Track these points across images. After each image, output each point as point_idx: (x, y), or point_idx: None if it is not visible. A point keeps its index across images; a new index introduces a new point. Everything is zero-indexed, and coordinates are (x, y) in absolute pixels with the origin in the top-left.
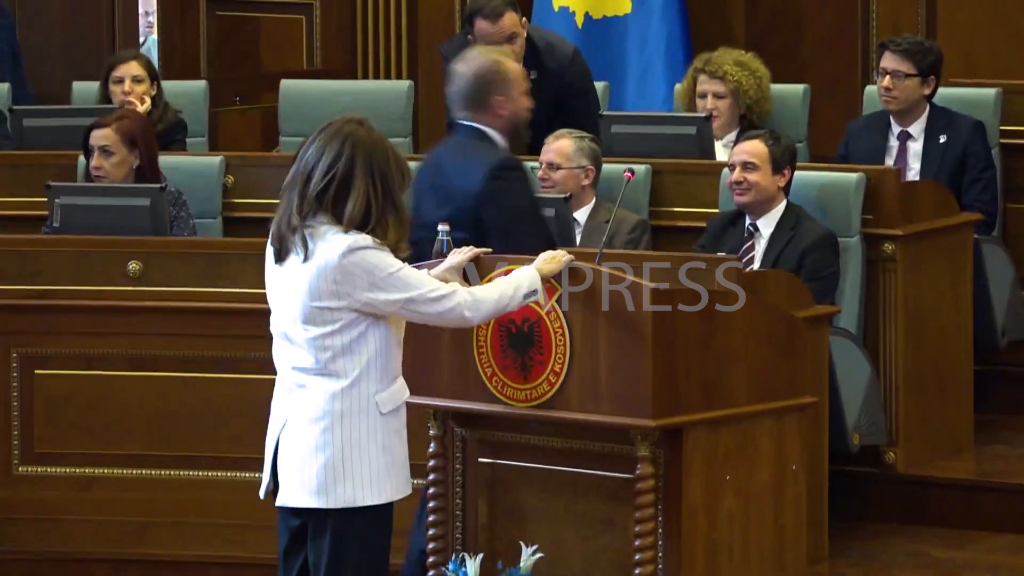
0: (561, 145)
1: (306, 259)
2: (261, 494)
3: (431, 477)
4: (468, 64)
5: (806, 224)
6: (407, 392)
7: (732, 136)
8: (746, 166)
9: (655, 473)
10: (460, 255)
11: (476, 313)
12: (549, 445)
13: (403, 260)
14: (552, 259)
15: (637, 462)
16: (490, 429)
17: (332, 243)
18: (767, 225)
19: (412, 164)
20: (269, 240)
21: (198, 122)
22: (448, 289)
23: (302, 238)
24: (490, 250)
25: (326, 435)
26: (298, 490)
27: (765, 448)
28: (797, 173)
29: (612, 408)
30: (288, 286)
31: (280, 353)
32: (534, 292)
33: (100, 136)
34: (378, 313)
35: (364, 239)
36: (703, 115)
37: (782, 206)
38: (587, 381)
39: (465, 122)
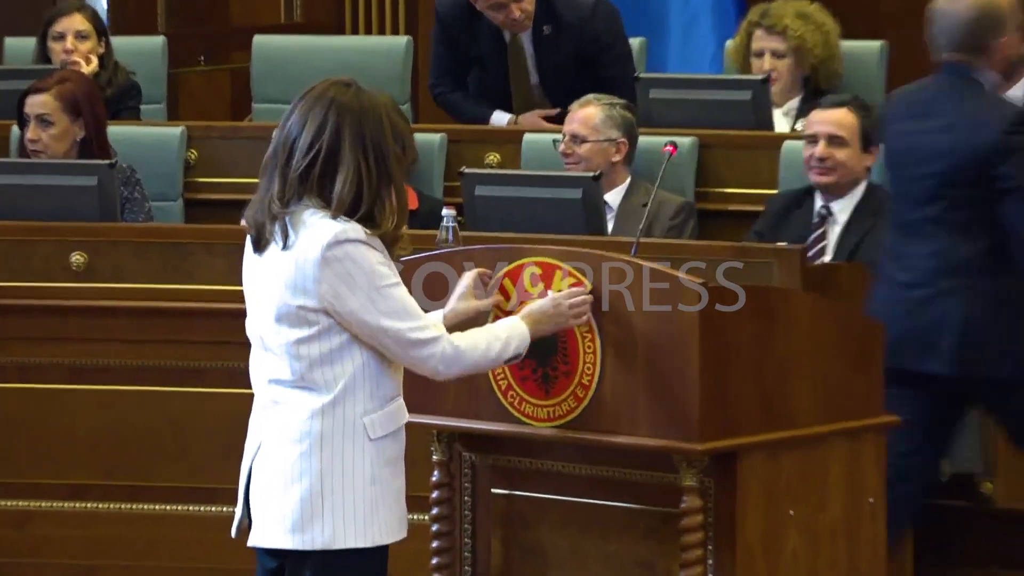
0: (587, 114)
1: (285, 248)
2: (233, 531)
3: (434, 511)
4: (960, 2)
5: (889, 208)
6: (405, 415)
7: (794, 103)
8: (833, 140)
9: (703, 507)
10: (464, 283)
11: (449, 370)
12: (576, 473)
13: (402, 255)
14: (551, 313)
15: (682, 493)
16: (505, 454)
17: (315, 231)
18: (843, 209)
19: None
20: (245, 226)
21: (155, 85)
22: (432, 334)
23: (282, 226)
24: (490, 272)
25: (304, 461)
26: (273, 526)
27: (836, 476)
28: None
29: (652, 429)
30: (266, 281)
31: (256, 363)
32: (517, 356)
33: (37, 103)
34: (345, 326)
35: (354, 230)
36: (759, 77)
37: (862, 187)
38: (621, 396)
39: (955, 64)
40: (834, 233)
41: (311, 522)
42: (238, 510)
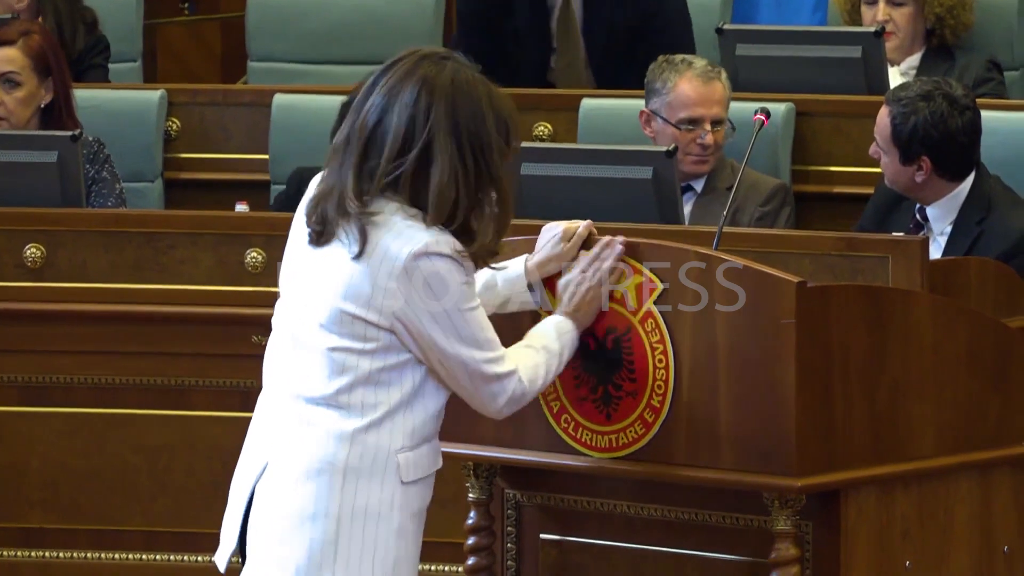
0: (723, 94)
1: (359, 256)
2: (221, 566)
3: (470, 562)
4: None
5: (1002, 213)
6: (440, 461)
7: (914, 60)
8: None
9: (800, 556)
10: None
11: (513, 410)
12: (643, 515)
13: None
14: (589, 297)
15: (774, 540)
16: (557, 491)
17: (402, 239)
18: (941, 218)
19: None
20: (304, 214)
21: (127, 40)
22: (508, 368)
23: (360, 229)
24: (595, 230)
25: (320, 498)
26: (273, 569)
27: (963, 520)
28: (1012, 117)
29: (737, 461)
30: (319, 276)
31: (277, 365)
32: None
33: (2, 59)
34: (410, 348)
35: (447, 243)
36: (871, 30)
37: (966, 185)
38: (700, 421)
39: None
40: (935, 243)
41: (319, 574)
42: (229, 541)
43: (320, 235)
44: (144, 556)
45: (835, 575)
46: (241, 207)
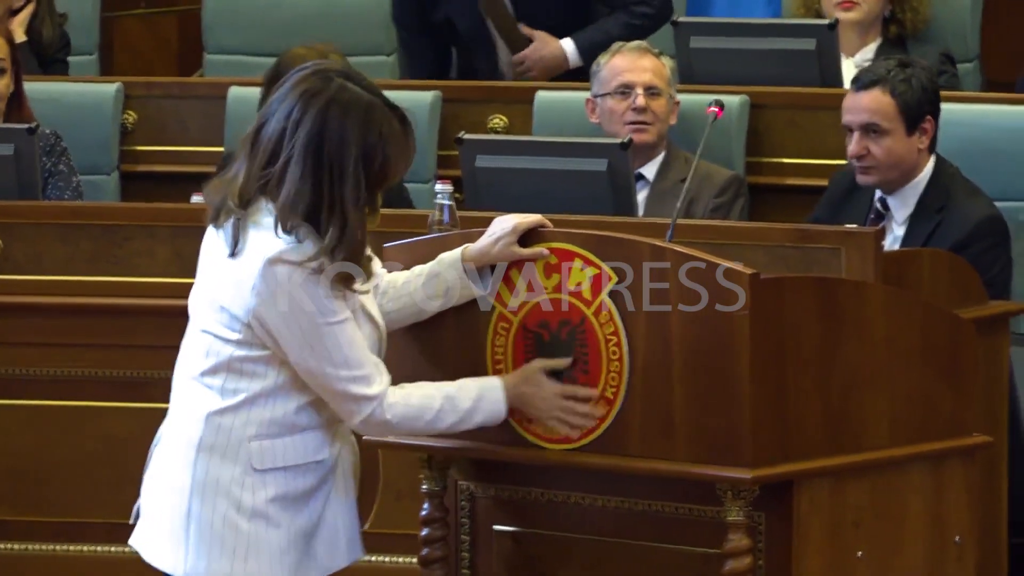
0: (655, 65)
1: (232, 255)
2: (131, 519)
3: (424, 552)
4: None
5: (959, 203)
6: (323, 453)
7: (869, 51)
8: (867, 131)
9: (753, 547)
10: (506, 226)
11: (376, 434)
12: (597, 506)
13: (361, 285)
14: (543, 406)
15: (727, 531)
16: (511, 483)
17: (261, 242)
18: (902, 206)
19: (396, 96)
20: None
21: (84, 33)
22: (368, 391)
23: (235, 228)
24: (549, 223)
25: (180, 470)
26: (148, 534)
27: (916, 511)
28: (965, 109)
29: (690, 452)
30: (209, 262)
31: (184, 343)
32: (480, 427)
33: None
34: (269, 346)
35: (298, 251)
36: (825, 23)
37: (926, 173)
38: (654, 412)
39: None
40: (895, 231)
41: (178, 544)
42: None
43: (216, 216)
44: (107, 548)
45: (787, 565)
46: (197, 199)
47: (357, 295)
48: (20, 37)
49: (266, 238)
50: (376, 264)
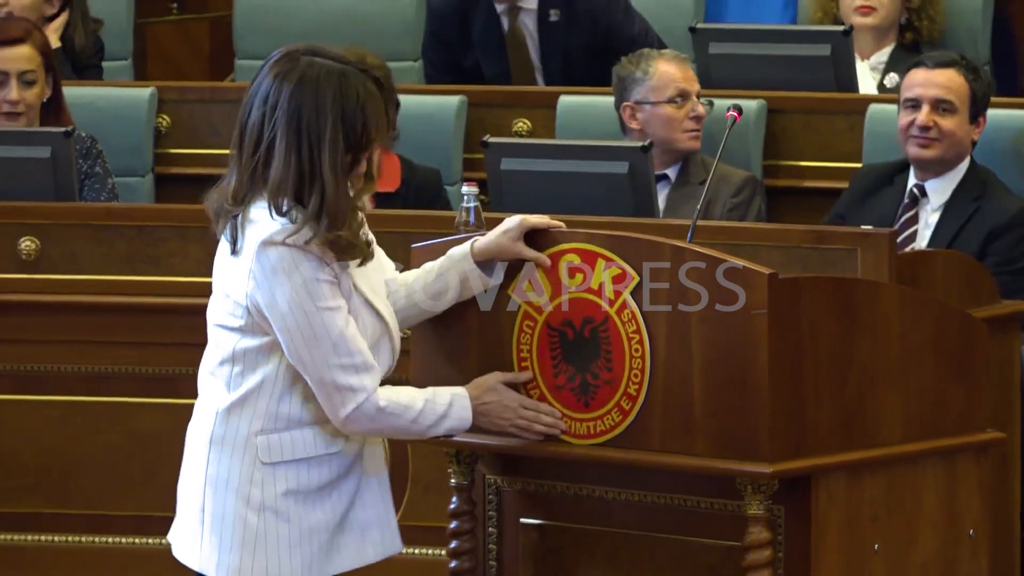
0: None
1: (234, 252)
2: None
3: (453, 545)
4: None
5: (997, 194)
6: (331, 447)
7: (883, 55)
8: (939, 105)
9: (772, 540)
10: (513, 221)
11: (359, 429)
12: (620, 499)
13: (361, 256)
14: (503, 415)
15: (747, 524)
16: (537, 477)
17: (257, 227)
18: (941, 190)
19: (423, 100)
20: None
21: (119, 39)
22: (358, 382)
23: (232, 227)
24: (562, 225)
25: (197, 466)
26: (178, 526)
27: (930, 505)
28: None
29: (711, 447)
30: (220, 261)
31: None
32: (448, 437)
33: (19, 57)
34: (269, 332)
35: (288, 232)
36: (840, 29)
37: (965, 164)
38: (675, 408)
39: None
40: (928, 218)
41: (195, 538)
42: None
43: (216, 224)
44: (135, 540)
45: (806, 558)
46: None
47: (352, 284)
48: (54, 44)
49: (262, 226)
50: (384, 258)
